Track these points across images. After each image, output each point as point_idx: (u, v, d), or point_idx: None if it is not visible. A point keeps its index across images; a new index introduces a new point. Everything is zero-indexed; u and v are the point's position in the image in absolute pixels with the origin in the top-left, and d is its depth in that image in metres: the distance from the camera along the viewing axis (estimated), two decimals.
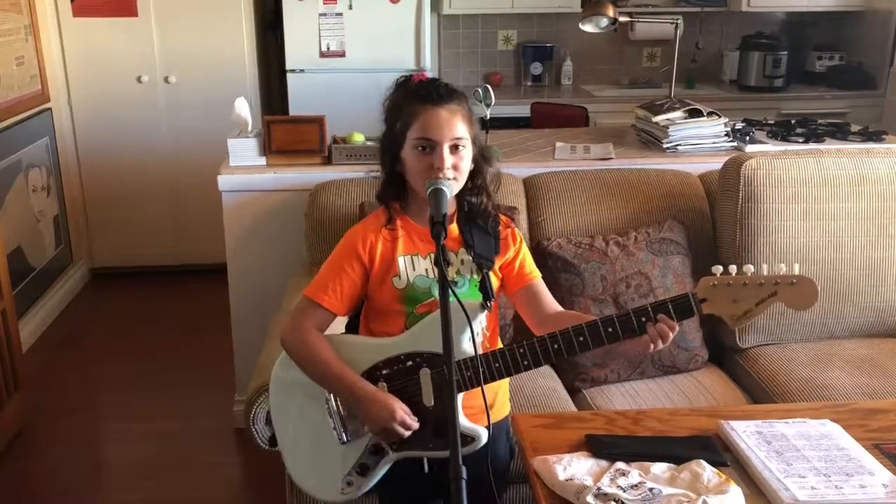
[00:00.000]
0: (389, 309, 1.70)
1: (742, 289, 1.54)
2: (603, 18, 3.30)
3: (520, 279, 1.77)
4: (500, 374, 1.59)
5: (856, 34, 4.94)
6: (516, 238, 1.78)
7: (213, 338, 3.37)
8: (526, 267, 1.78)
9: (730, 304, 1.55)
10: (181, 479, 2.83)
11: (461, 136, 1.62)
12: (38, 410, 3.20)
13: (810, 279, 1.54)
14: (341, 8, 4.18)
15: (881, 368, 2.31)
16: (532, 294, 1.78)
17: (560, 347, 1.57)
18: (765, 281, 1.53)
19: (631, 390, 2.31)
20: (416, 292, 1.68)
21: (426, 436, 1.62)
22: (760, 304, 1.54)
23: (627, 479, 1.44)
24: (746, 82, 4.83)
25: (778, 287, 1.53)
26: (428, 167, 1.60)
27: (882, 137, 3.12)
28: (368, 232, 1.70)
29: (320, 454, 1.68)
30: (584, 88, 4.94)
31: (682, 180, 2.63)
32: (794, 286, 1.53)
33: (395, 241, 1.69)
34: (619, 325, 1.55)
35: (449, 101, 1.62)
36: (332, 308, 1.69)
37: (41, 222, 4.10)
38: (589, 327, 1.56)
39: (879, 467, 1.49)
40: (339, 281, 1.68)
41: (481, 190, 1.71)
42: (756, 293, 1.54)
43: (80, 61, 4.28)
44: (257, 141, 2.84)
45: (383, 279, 1.68)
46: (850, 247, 2.45)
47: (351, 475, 1.66)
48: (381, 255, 1.68)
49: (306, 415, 1.70)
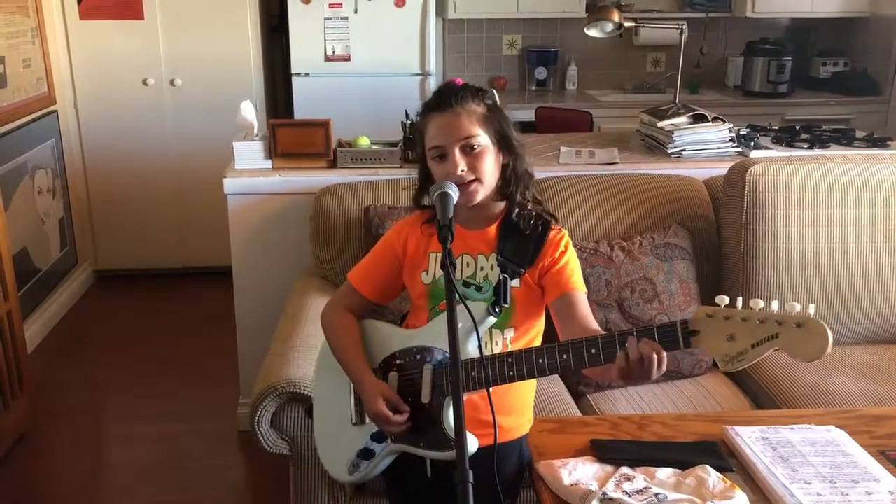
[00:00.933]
0: (418, 303, 1.73)
1: (740, 325, 1.33)
2: (608, 23, 3.31)
3: (555, 287, 1.65)
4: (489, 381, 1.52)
5: (860, 40, 4.95)
6: (560, 245, 1.68)
7: (218, 341, 3.38)
8: (564, 276, 1.66)
9: (723, 341, 1.34)
10: (184, 482, 2.83)
11: (471, 134, 1.59)
12: (43, 412, 3.21)
13: (820, 324, 1.27)
14: (347, 12, 4.19)
15: (886, 375, 2.30)
16: (565, 305, 1.64)
17: (544, 363, 1.50)
18: (765, 319, 1.31)
19: (635, 395, 2.31)
20: (439, 290, 1.67)
21: (418, 433, 1.62)
22: (757, 346, 1.31)
23: (633, 484, 1.44)
24: (751, 88, 4.84)
25: (781, 328, 1.30)
26: (445, 173, 1.60)
27: (887, 144, 3.12)
28: (405, 227, 1.75)
29: (337, 430, 1.72)
30: (588, 93, 4.94)
31: (687, 185, 2.64)
32: (800, 330, 1.29)
33: (430, 237, 1.70)
34: (602, 347, 1.44)
35: (454, 105, 1.61)
36: (365, 293, 1.75)
37: (46, 224, 4.12)
38: (573, 345, 1.48)
39: (885, 474, 1.49)
40: (375, 269, 1.76)
41: (510, 182, 1.66)
42: (754, 332, 1.31)
43: (86, 64, 4.30)
44: (263, 144, 2.85)
45: (413, 273, 1.71)
46: (854, 253, 2.45)
47: (356, 457, 1.68)
48: (414, 248, 1.71)
49: (335, 391, 1.74)
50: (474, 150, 1.60)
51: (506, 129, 1.65)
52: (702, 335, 1.36)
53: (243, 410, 3.03)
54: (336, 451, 1.73)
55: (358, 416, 1.68)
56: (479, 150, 1.60)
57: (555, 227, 1.70)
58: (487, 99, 1.65)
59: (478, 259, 1.68)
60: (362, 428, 1.68)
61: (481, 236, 1.68)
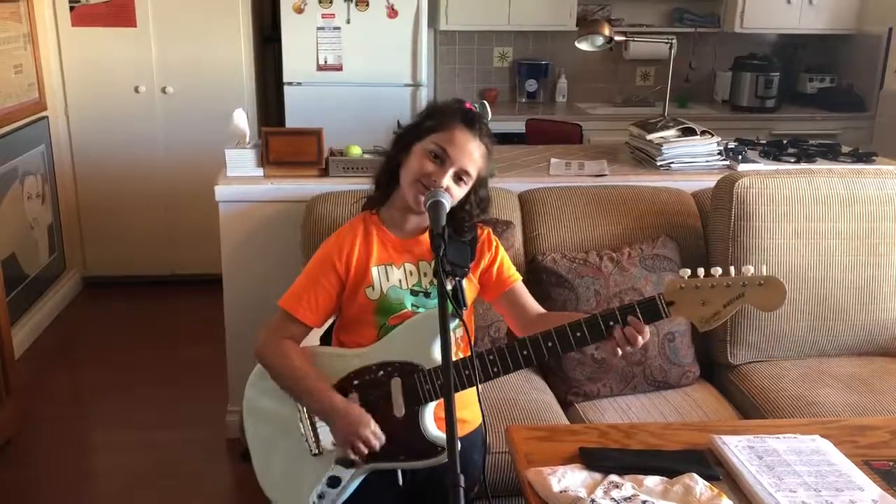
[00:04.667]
0: (362, 319, 1.69)
1: (710, 291, 1.54)
2: (599, 37, 3.34)
3: (500, 284, 1.78)
4: (471, 381, 1.56)
5: (847, 57, 5.01)
6: (492, 243, 1.78)
7: (206, 348, 3.37)
8: (505, 271, 1.78)
9: (698, 306, 1.55)
10: (172, 489, 2.82)
11: (471, 171, 1.64)
12: (29, 418, 3.19)
13: (778, 279, 1.54)
14: (339, 22, 4.21)
15: (870, 386, 2.33)
16: (514, 298, 1.79)
17: (529, 353, 1.57)
18: (732, 282, 1.53)
19: (623, 405, 2.32)
20: (389, 303, 1.67)
21: (396, 448, 1.61)
22: (728, 305, 1.54)
23: (621, 492, 1.45)
24: (738, 102, 4.89)
25: (746, 288, 1.53)
26: (426, 173, 1.61)
27: (872, 159, 3.16)
28: (343, 244, 1.70)
29: (292, 466, 1.68)
30: (578, 106, 4.98)
31: (676, 198, 2.66)
32: (762, 287, 1.53)
33: (368, 250, 1.69)
34: (587, 329, 1.56)
35: (482, 137, 1.66)
36: (306, 320, 1.69)
37: (35, 230, 4.10)
38: (557, 332, 1.56)
39: (869, 483, 1.51)
40: (315, 293, 1.68)
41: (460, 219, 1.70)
42: (724, 294, 1.54)
43: (77, 70, 4.29)
44: (255, 152, 2.85)
45: (356, 289, 1.68)
46: (840, 265, 2.48)
47: (322, 488, 1.64)
48: (356, 265, 1.68)
49: (279, 427, 1.70)
50: (461, 181, 1.65)
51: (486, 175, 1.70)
52: (678, 304, 1.56)
53: (231, 418, 3.02)
54: (295, 488, 1.68)
55: (317, 446, 1.65)
56: (462, 186, 1.66)
57: (480, 227, 1.77)
58: (491, 141, 1.70)
59: (419, 266, 1.71)
60: (323, 457, 1.65)
61: (417, 244, 1.71)
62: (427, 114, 1.69)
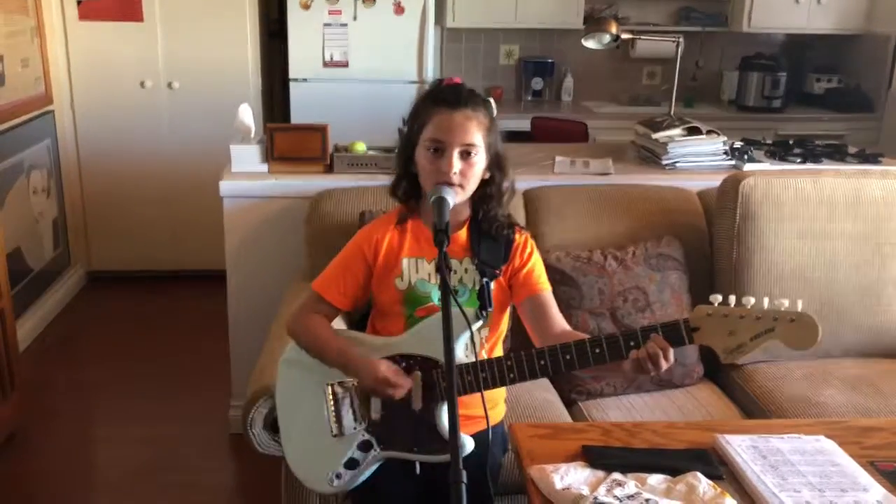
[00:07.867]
0: (391, 310, 1.72)
1: (738, 321, 1.48)
2: (605, 35, 3.33)
3: (525, 288, 1.74)
4: (487, 384, 1.58)
5: (854, 57, 5.00)
6: (527, 247, 1.75)
7: (210, 343, 3.37)
8: (533, 277, 1.74)
9: (724, 336, 1.49)
10: (175, 484, 2.82)
11: (473, 142, 1.62)
12: (33, 412, 3.19)
13: (811, 317, 1.46)
14: (346, 18, 4.21)
15: (875, 388, 2.32)
16: (537, 306, 1.74)
17: (546, 364, 1.55)
18: (763, 315, 1.47)
19: (626, 404, 2.32)
20: (416, 295, 1.69)
21: (411, 438, 1.63)
22: (756, 338, 1.47)
23: (624, 490, 1.45)
24: (745, 102, 4.88)
25: (776, 323, 1.47)
26: (437, 170, 1.61)
27: (878, 160, 3.15)
28: (375, 232, 1.73)
29: (314, 444, 1.71)
30: (584, 104, 4.98)
31: (681, 197, 2.66)
32: (794, 323, 1.46)
33: (402, 241, 1.71)
34: (607, 346, 1.53)
35: (466, 107, 1.62)
36: (335, 302, 1.74)
37: (40, 224, 4.11)
38: (577, 346, 1.54)
39: (874, 484, 1.50)
40: (344, 278, 1.74)
41: (491, 198, 1.70)
42: (752, 328, 1.47)
43: (84, 64, 4.30)
44: (260, 148, 2.86)
45: (385, 278, 1.70)
46: (845, 266, 2.47)
47: (340, 469, 1.67)
48: (386, 254, 1.71)
49: (306, 404, 1.73)
50: (470, 157, 1.62)
51: (499, 147, 1.69)
52: (702, 331, 1.50)
53: (235, 413, 3.02)
54: (315, 464, 1.72)
55: (338, 427, 1.67)
56: (474, 158, 1.63)
57: (519, 230, 1.76)
58: (489, 110, 1.67)
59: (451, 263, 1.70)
60: (344, 438, 1.68)
61: (453, 240, 1.69)
62: (411, 116, 1.70)
